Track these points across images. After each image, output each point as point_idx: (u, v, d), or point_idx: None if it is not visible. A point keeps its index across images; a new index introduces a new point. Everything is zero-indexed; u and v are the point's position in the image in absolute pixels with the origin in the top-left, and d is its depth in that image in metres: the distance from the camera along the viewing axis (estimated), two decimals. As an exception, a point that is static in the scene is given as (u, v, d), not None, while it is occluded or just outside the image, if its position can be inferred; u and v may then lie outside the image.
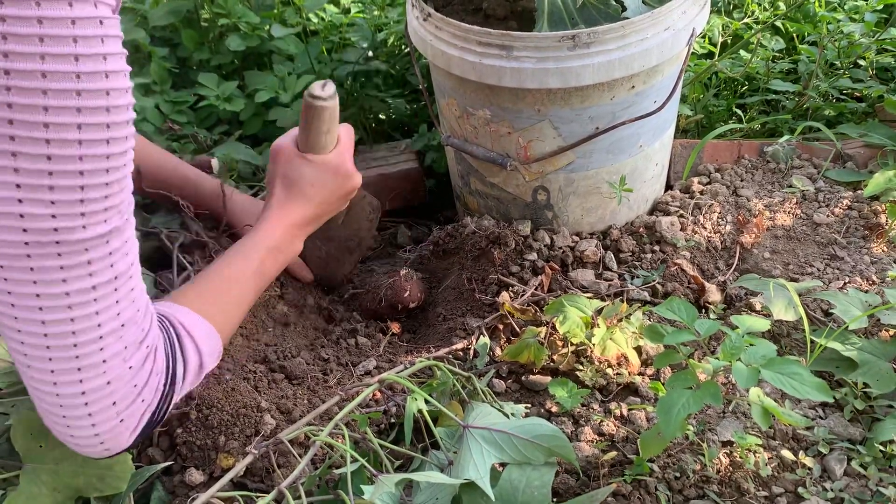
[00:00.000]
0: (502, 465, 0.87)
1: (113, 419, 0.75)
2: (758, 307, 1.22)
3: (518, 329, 1.21)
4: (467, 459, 0.84)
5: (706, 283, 1.27)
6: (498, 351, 1.19)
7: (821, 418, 1.05)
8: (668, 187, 1.53)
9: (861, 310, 1.11)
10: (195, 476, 0.97)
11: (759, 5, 1.84)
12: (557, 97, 1.19)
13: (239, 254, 1.00)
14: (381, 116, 1.87)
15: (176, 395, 0.82)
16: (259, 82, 1.65)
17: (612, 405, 1.09)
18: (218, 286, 0.95)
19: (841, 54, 1.72)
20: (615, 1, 1.24)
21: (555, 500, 0.94)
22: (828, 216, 1.40)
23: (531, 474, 0.84)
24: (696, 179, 1.50)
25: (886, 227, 1.35)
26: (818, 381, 0.86)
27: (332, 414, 1.04)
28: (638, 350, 1.14)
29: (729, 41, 1.78)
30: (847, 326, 1.09)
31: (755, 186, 1.48)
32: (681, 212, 1.42)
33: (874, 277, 1.25)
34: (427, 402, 0.95)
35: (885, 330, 1.13)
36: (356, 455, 0.85)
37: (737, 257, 1.34)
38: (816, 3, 1.81)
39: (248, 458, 0.91)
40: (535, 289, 1.27)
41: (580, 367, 1.13)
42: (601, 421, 1.06)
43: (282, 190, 1.06)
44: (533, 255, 1.33)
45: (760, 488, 0.96)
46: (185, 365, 0.83)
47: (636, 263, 1.35)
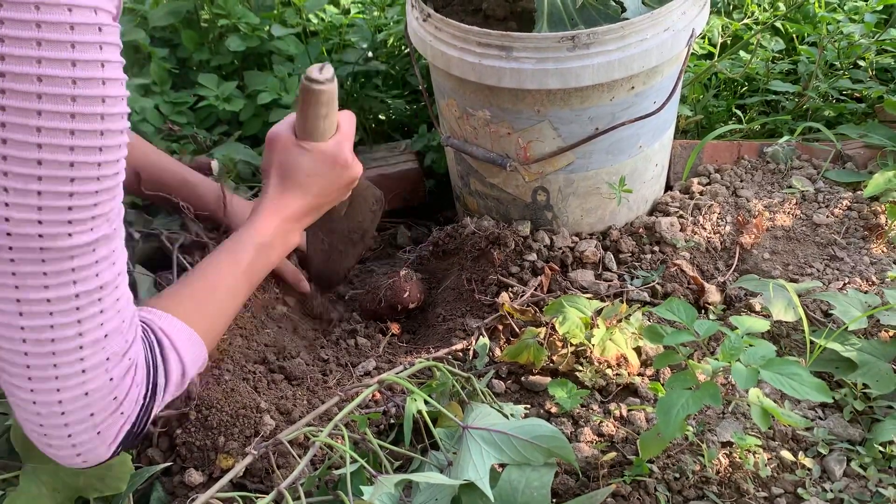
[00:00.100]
0: (502, 465, 0.87)
1: (90, 431, 0.73)
2: (757, 308, 1.22)
3: (517, 330, 1.21)
4: (467, 460, 0.84)
5: (706, 284, 1.27)
6: (497, 351, 1.19)
7: (820, 419, 1.05)
8: (668, 188, 1.53)
9: (860, 310, 1.11)
10: (195, 477, 0.97)
11: (759, 6, 1.84)
12: (557, 98, 1.19)
13: (227, 253, 0.95)
14: (381, 117, 1.87)
15: (156, 406, 0.80)
16: (259, 83, 1.65)
17: (612, 406, 1.09)
18: (202, 289, 0.90)
19: (841, 55, 1.72)
20: (615, 1, 1.25)
21: (554, 500, 0.94)
22: (827, 217, 1.40)
23: (530, 475, 0.84)
24: (695, 180, 1.50)
25: (886, 228, 1.35)
26: (818, 382, 0.86)
27: (332, 414, 1.04)
28: (637, 351, 1.14)
29: (729, 42, 1.78)
30: (847, 327, 1.09)
31: (755, 187, 1.48)
32: (680, 212, 1.42)
33: (874, 278, 1.25)
34: (426, 402, 0.95)
35: (885, 331, 1.13)
36: (356, 456, 0.85)
37: (736, 258, 1.34)
38: (816, 4, 1.81)
39: (248, 459, 0.91)
40: (535, 289, 1.27)
41: (580, 367, 1.13)
42: (601, 422, 1.06)
43: (277, 180, 1.00)
44: (532, 256, 1.33)
45: (760, 489, 0.96)
46: (167, 376, 0.80)
47: (636, 264, 1.35)
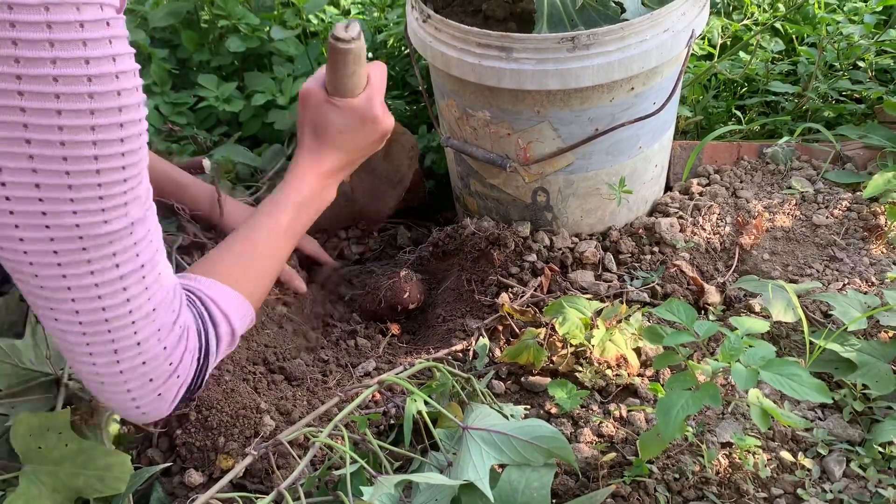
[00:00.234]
0: (501, 466, 0.87)
1: (151, 394, 0.79)
2: (757, 308, 1.22)
3: (517, 330, 1.21)
4: (466, 461, 0.84)
5: (705, 285, 1.27)
6: (497, 352, 1.19)
7: (820, 420, 1.05)
8: (668, 189, 1.53)
9: (860, 311, 1.11)
10: (194, 477, 0.97)
11: (759, 7, 1.85)
12: (557, 98, 1.19)
13: (266, 215, 0.98)
14: (381, 118, 1.87)
15: (211, 365, 0.86)
16: (259, 84, 1.65)
17: (612, 406, 1.09)
18: (244, 252, 0.94)
19: (840, 56, 1.72)
20: (614, 2, 1.25)
21: (554, 501, 0.94)
22: (827, 218, 1.40)
23: (530, 475, 0.84)
24: (695, 181, 1.50)
25: (886, 229, 1.35)
26: (817, 383, 0.86)
27: (332, 415, 1.04)
28: (637, 351, 1.14)
29: (728, 43, 1.79)
30: (846, 328, 1.09)
31: (754, 188, 1.48)
32: (680, 213, 1.42)
33: (873, 279, 1.26)
34: (426, 403, 0.95)
35: (885, 331, 1.13)
36: (355, 456, 0.85)
37: (736, 259, 1.34)
38: (816, 5, 1.81)
39: (248, 460, 0.91)
40: (535, 290, 1.27)
41: (579, 368, 1.13)
42: (600, 422, 1.06)
43: (311, 138, 1.02)
44: (532, 257, 1.33)
45: (759, 489, 0.96)
46: (218, 338, 0.86)
47: (635, 265, 1.35)
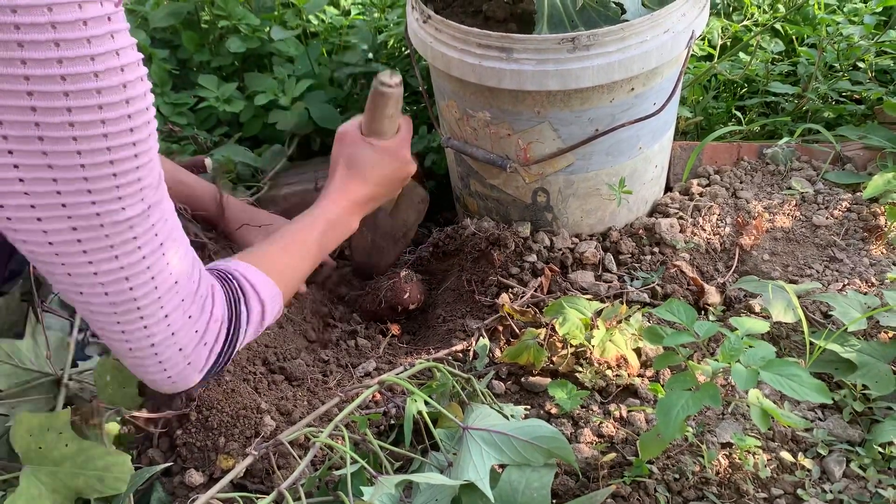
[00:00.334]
0: (502, 466, 0.87)
1: (181, 363, 0.83)
2: (757, 309, 1.22)
3: (518, 331, 1.21)
4: (467, 461, 0.84)
5: (705, 285, 1.27)
6: (497, 352, 1.19)
7: (820, 420, 1.05)
8: (668, 189, 1.54)
9: (860, 312, 1.11)
10: (195, 477, 0.97)
11: (759, 8, 1.85)
12: (557, 99, 1.19)
13: (301, 223, 1.06)
14: (381, 118, 1.87)
15: (240, 341, 0.89)
16: (259, 84, 1.65)
17: (612, 407, 1.09)
18: (280, 251, 1.01)
19: (840, 56, 1.72)
20: (615, 3, 1.25)
21: (554, 501, 0.94)
22: (827, 218, 1.40)
23: (531, 476, 0.84)
24: (695, 181, 1.51)
25: (885, 229, 1.35)
26: (817, 383, 0.86)
27: (332, 415, 1.04)
28: (637, 352, 1.14)
29: (728, 43, 1.79)
30: (846, 328, 1.09)
31: (754, 188, 1.49)
32: (680, 214, 1.42)
33: (873, 279, 1.26)
34: (427, 403, 0.95)
35: (885, 332, 1.13)
36: (356, 456, 0.85)
37: (736, 259, 1.34)
38: (816, 6, 1.81)
39: (248, 460, 0.91)
40: (535, 290, 1.27)
41: (580, 368, 1.13)
42: (600, 422, 1.06)
43: (344, 170, 1.11)
44: (532, 257, 1.33)
45: (759, 490, 0.96)
46: (249, 314, 0.90)
47: (636, 265, 1.35)
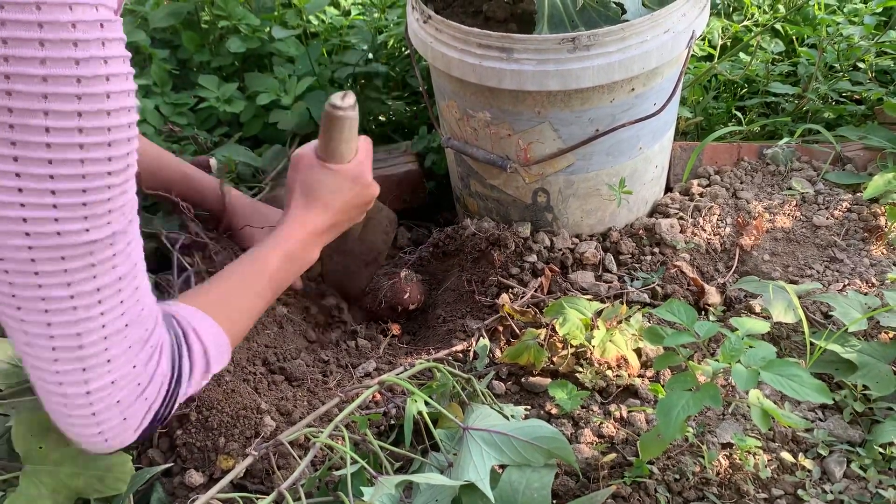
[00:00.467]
0: (502, 466, 0.87)
1: (116, 417, 0.76)
2: (757, 309, 1.22)
3: (518, 331, 1.21)
4: (467, 461, 0.84)
5: (706, 285, 1.27)
6: (498, 353, 1.19)
7: (820, 420, 1.05)
8: (668, 189, 1.54)
9: (860, 312, 1.11)
10: (195, 477, 0.97)
11: (759, 8, 1.85)
12: (557, 99, 1.19)
13: (253, 260, 0.98)
14: (382, 118, 1.87)
15: (181, 395, 0.82)
16: (259, 84, 1.65)
17: (612, 407, 1.09)
18: (229, 290, 0.94)
19: (840, 57, 1.72)
20: (615, 3, 1.25)
21: (554, 501, 0.94)
22: (827, 218, 1.40)
23: (531, 476, 0.84)
24: (695, 182, 1.51)
25: (886, 230, 1.35)
26: (818, 384, 0.86)
27: (332, 415, 1.04)
28: (638, 352, 1.14)
29: (728, 44, 1.79)
30: (847, 329, 1.09)
31: (755, 189, 1.49)
32: (680, 214, 1.42)
33: (874, 280, 1.26)
34: (427, 403, 0.95)
35: (885, 332, 1.13)
36: (356, 457, 0.85)
37: (736, 259, 1.34)
38: (816, 6, 1.81)
39: (248, 460, 0.91)
40: (535, 291, 1.27)
41: (580, 368, 1.13)
42: (601, 423, 1.06)
43: (301, 197, 1.04)
44: (533, 257, 1.33)
45: (760, 490, 0.96)
46: (192, 366, 0.83)
47: (636, 265, 1.35)
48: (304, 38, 1.74)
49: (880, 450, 0.99)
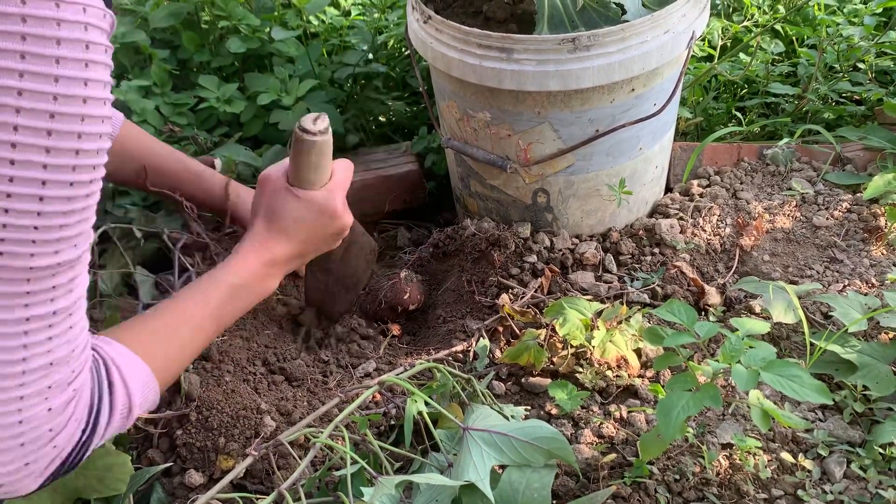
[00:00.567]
0: (502, 467, 0.87)
1: (17, 461, 0.67)
2: (757, 310, 1.22)
3: (518, 331, 1.21)
4: (467, 461, 0.84)
5: (706, 286, 1.27)
6: (498, 353, 1.19)
7: (820, 421, 1.05)
8: (668, 190, 1.54)
9: (860, 312, 1.11)
10: (195, 478, 0.97)
11: (759, 8, 1.85)
12: (557, 100, 1.19)
13: (197, 291, 0.91)
14: (381, 119, 1.87)
15: (94, 442, 0.74)
16: (259, 85, 1.65)
17: (612, 407, 1.09)
18: (166, 326, 0.86)
19: (840, 57, 1.72)
20: (615, 4, 1.25)
21: (554, 502, 0.94)
22: (827, 219, 1.40)
23: (531, 476, 0.84)
24: (695, 182, 1.51)
25: (886, 230, 1.35)
26: (818, 384, 0.86)
27: (332, 416, 1.04)
28: (638, 352, 1.14)
29: (728, 44, 1.79)
30: (847, 329, 1.09)
31: (755, 189, 1.49)
32: (680, 214, 1.42)
33: (874, 280, 1.26)
34: (427, 404, 0.95)
35: (885, 333, 1.13)
36: (356, 457, 0.85)
37: (736, 260, 1.34)
38: (816, 7, 1.81)
39: (248, 460, 0.91)
40: (535, 291, 1.27)
41: (580, 369, 1.13)
42: (601, 423, 1.06)
43: (263, 222, 0.98)
44: (533, 258, 1.33)
45: (760, 490, 0.96)
46: (111, 411, 0.75)
47: (636, 266, 1.35)
48: (304, 39, 1.74)
49: (880, 450, 0.99)
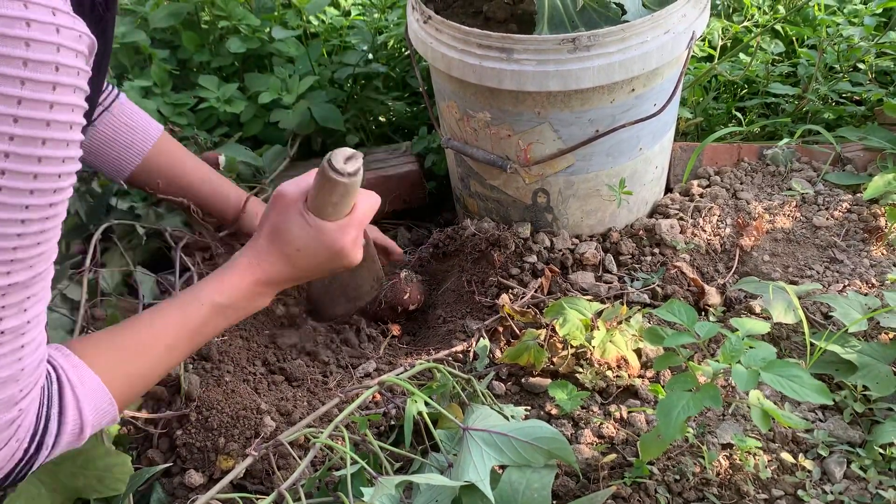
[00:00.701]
0: (502, 467, 0.87)
1: None
2: (757, 310, 1.22)
3: (518, 331, 1.21)
4: (467, 462, 0.84)
5: (706, 286, 1.27)
6: (498, 353, 1.19)
7: (820, 421, 1.05)
8: (668, 190, 1.54)
9: (860, 313, 1.11)
10: (195, 478, 0.97)
11: (759, 9, 1.85)
12: (557, 100, 1.19)
13: (178, 308, 0.87)
14: (382, 119, 1.87)
15: (39, 460, 0.72)
16: (259, 84, 1.65)
17: (612, 407, 1.09)
18: (138, 343, 0.82)
19: (840, 58, 1.72)
20: (615, 4, 1.25)
21: (555, 502, 0.94)
22: (827, 219, 1.40)
23: (531, 476, 0.84)
24: (695, 182, 1.51)
25: (886, 230, 1.35)
26: (818, 384, 0.86)
27: (332, 416, 1.04)
28: (638, 352, 1.14)
29: (729, 44, 1.79)
30: (847, 329, 1.09)
31: (755, 189, 1.49)
32: (680, 214, 1.42)
33: (874, 280, 1.26)
34: (427, 404, 0.95)
35: (885, 333, 1.13)
36: (356, 457, 0.85)
37: (736, 260, 1.34)
38: (816, 7, 1.81)
39: (248, 460, 0.91)
40: (535, 291, 1.27)
41: (580, 369, 1.13)
42: (601, 423, 1.06)
43: (266, 239, 0.92)
44: (533, 258, 1.33)
45: (760, 491, 0.96)
46: (60, 430, 0.72)
47: (636, 266, 1.35)
48: (304, 39, 1.74)
49: (880, 450, 0.99)
